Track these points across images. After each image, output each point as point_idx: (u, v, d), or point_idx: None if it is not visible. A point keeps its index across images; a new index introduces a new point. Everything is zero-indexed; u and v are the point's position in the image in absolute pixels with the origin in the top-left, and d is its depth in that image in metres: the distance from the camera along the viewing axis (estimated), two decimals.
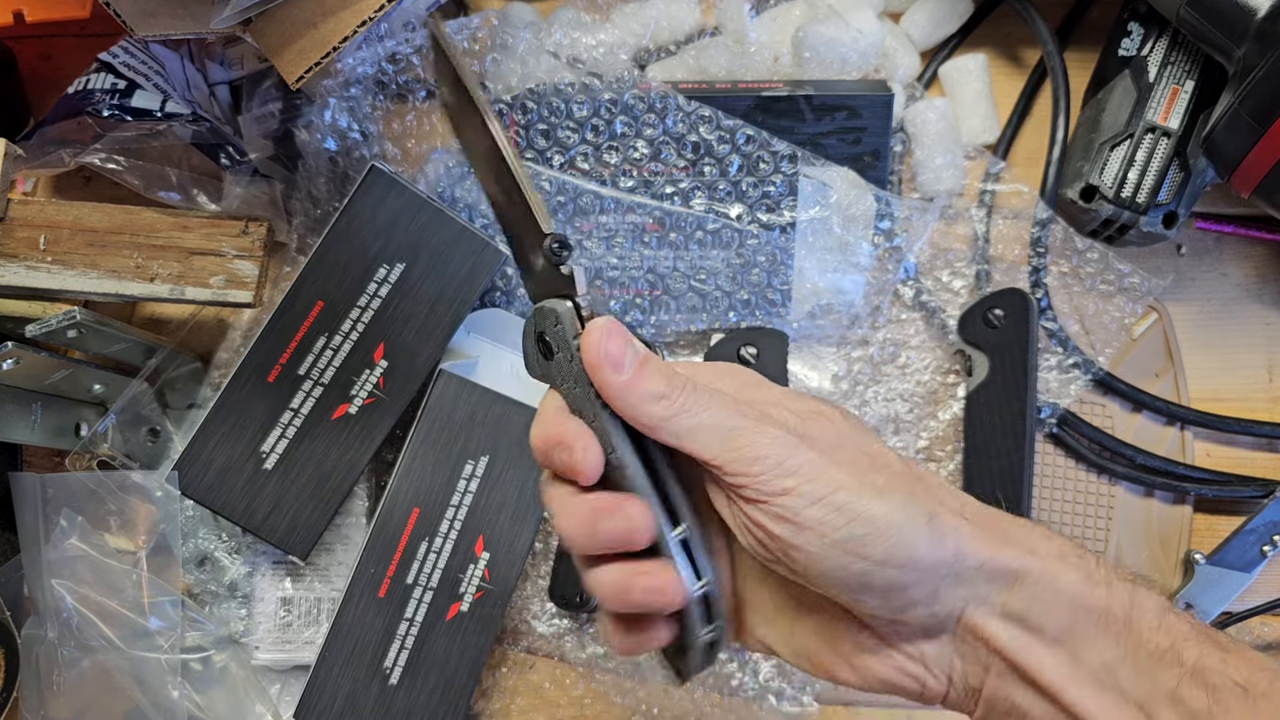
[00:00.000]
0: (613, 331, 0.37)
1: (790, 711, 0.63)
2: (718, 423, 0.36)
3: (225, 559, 0.65)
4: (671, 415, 0.36)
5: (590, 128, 0.64)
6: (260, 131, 0.67)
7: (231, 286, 0.60)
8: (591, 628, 0.65)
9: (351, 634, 0.59)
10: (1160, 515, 0.65)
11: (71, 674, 0.60)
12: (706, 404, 0.37)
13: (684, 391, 0.37)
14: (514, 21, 0.66)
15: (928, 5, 0.68)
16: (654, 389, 0.37)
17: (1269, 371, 0.67)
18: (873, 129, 0.64)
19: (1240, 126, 0.55)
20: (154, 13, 0.58)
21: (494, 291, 0.66)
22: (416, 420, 0.61)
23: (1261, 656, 0.36)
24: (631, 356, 0.37)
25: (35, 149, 0.62)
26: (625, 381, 0.37)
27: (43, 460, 0.69)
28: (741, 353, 0.63)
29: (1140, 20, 0.63)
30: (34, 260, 0.59)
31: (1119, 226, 0.62)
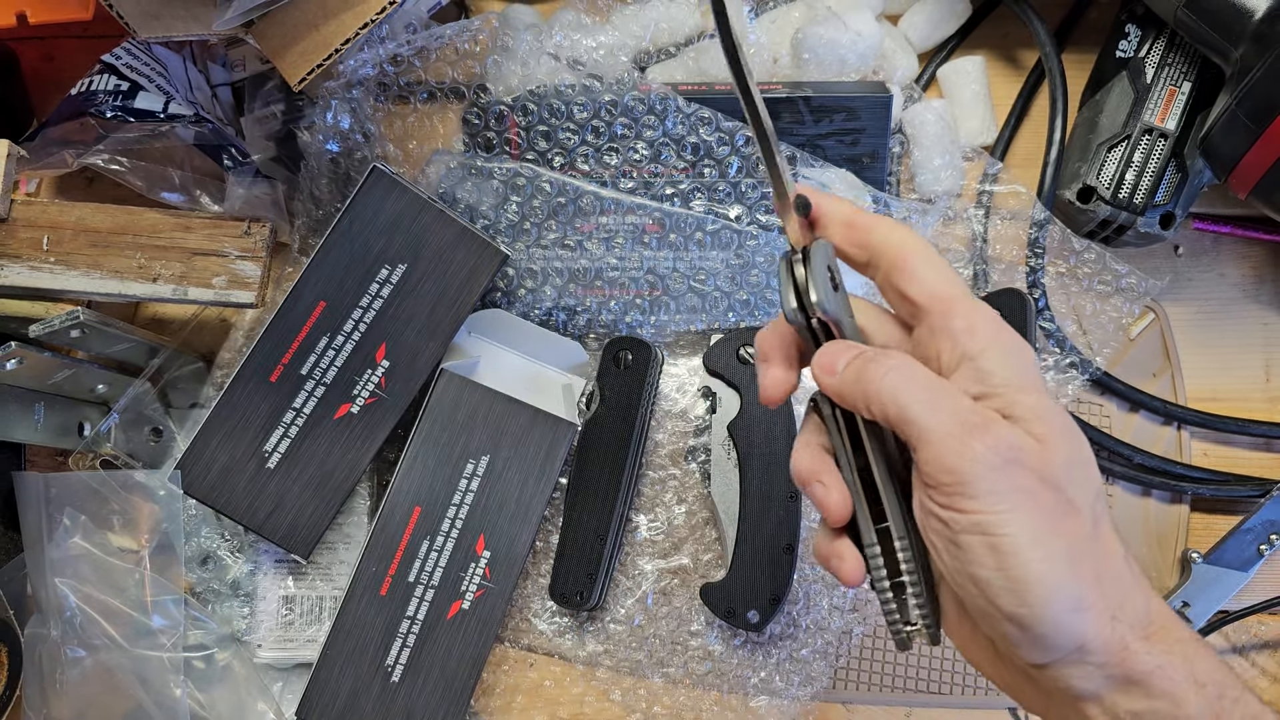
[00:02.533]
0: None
1: (788, 709, 0.64)
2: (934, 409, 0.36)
3: (228, 558, 0.65)
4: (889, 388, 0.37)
5: (590, 129, 0.64)
6: (262, 133, 0.67)
7: (234, 287, 0.60)
8: (591, 626, 0.66)
9: (353, 632, 0.59)
10: (1157, 514, 0.66)
11: (74, 672, 0.60)
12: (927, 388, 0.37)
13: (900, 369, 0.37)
14: (514, 24, 0.67)
15: (926, 7, 0.68)
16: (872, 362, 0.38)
17: (1266, 371, 0.67)
18: (871, 130, 0.64)
19: (1237, 127, 0.55)
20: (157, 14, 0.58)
21: (495, 292, 0.66)
22: (418, 420, 0.61)
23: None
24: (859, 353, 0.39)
25: (38, 150, 0.62)
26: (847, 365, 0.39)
27: (46, 460, 0.69)
28: (741, 353, 0.63)
29: (1138, 22, 0.63)
30: (37, 261, 0.59)
31: (1116, 227, 0.63)
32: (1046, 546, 0.35)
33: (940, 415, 0.36)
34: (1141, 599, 0.36)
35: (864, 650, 0.65)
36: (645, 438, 0.66)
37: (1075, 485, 0.36)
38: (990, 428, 0.35)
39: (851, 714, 0.65)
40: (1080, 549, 0.35)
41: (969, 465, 0.35)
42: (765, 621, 0.61)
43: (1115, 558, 0.36)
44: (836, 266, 0.41)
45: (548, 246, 0.65)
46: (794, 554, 0.62)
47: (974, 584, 0.35)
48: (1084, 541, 0.36)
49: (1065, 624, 0.35)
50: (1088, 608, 0.35)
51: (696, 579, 0.65)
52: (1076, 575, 0.35)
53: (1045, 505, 0.35)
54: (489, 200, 0.64)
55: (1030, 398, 0.37)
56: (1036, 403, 0.36)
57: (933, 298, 0.39)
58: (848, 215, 0.41)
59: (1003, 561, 0.35)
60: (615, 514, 0.63)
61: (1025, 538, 0.34)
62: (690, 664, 0.65)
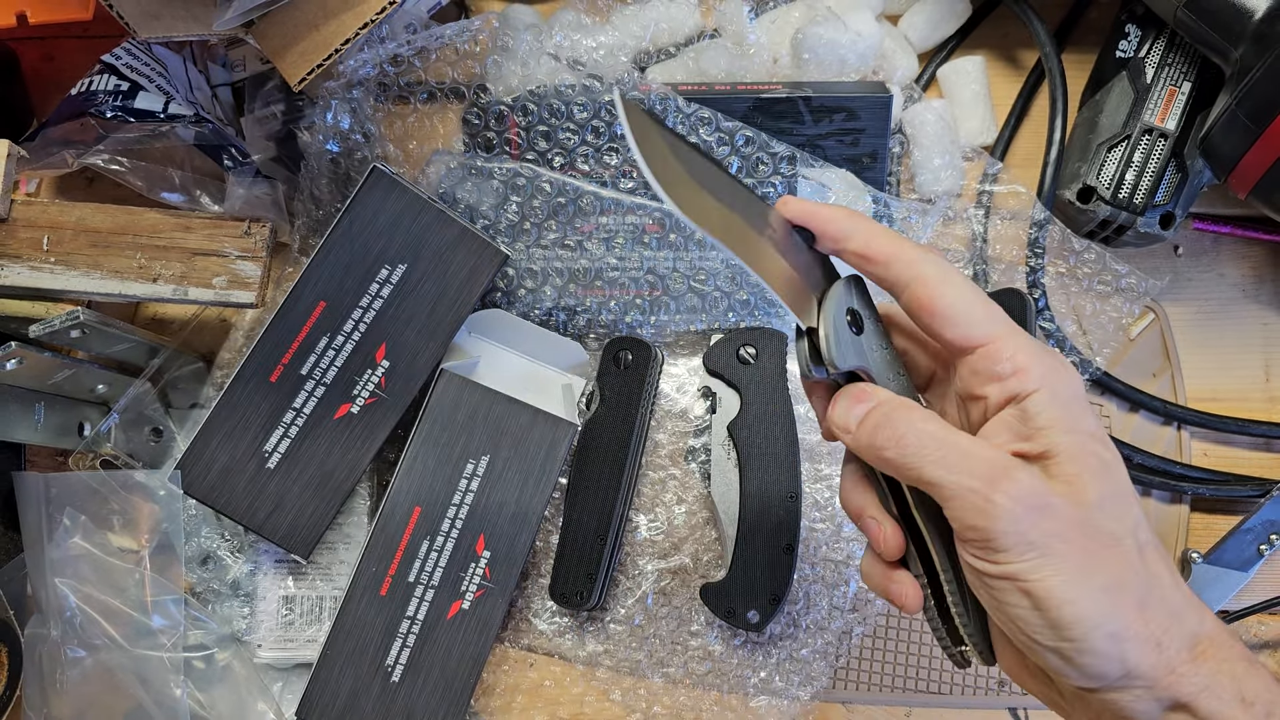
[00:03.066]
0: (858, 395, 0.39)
1: (788, 709, 0.64)
2: (956, 467, 0.36)
3: (228, 558, 0.65)
4: (909, 456, 0.37)
5: (591, 129, 0.64)
6: (263, 133, 0.67)
7: (234, 287, 0.60)
8: (591, 626, 0.66)
9: (353, 632, 0.59)
10: (1157, 514, 0.66)
11: (74, 672, 0.60)
12: (943, 446, 0.37)
13: (921, 435, 0.37)
14: (514, 24, 0.67)
15: (926, 7, 0.68)
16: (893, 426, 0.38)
17: (1266, 371, 0.67)
18: (871, 130, 0.64)
19: (1237, 127, 0.55)
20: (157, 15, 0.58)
21: (495, 292, 0.66)
22: (418, 420, 0.61)
23: None
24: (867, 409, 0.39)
25: (38, 150, 0.62)
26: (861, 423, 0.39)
27: (46, 460, 0.69)
28: (741, 353, 0.63)
29: (1138, 22, 0.63)
30: (37, 261, 0.59)
31: (1116, 227, 0.63)
32: (1081, 585, 0.35)
33: (959, 474, 0.36)
34: (1193, 619, 0.36)
35: (864, 650, 0.65)
36: (645, 438, 0.66)
37: (1111, 518, 0.36)
38: (1012, 476, 0.36)
39: (851, 714, 0.65)
40: (1120, 579, 0.36)
41: (992, 522, 0.35)
42: (765, 621, 0.62)
43: (1161, 582, 0.37)
44: (862, 302, 0.39)
45: (548, 246, 0.65)
46: (794, 554, 0.62)
47: (1011, 624, 0.36)
48: (1124, 572, 0.36)
49: (1107, 653, 0.35)
50: (1130, 637, 0.35)
51: (696, 579, 0.65)
52: (1116, 606, 0.35)
53: (1077, 545, 0.36)
54: (489, 200, 0.64)
55: (1068, 438, 0.36)
56: (1072, 442, 0.36)
57: (970, 340, 0.38)
58: (861, 245, 0.39)
59: (1038, 604, 0.35)
60: (615, 514, 0.63)
61: (1057, 580, 0.35)
62: (690, 664, 0.65)
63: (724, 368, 0.64)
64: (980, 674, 0.64)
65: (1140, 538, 0.37)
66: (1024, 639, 0.36)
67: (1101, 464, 0.37)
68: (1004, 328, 0.38)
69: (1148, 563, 0.37)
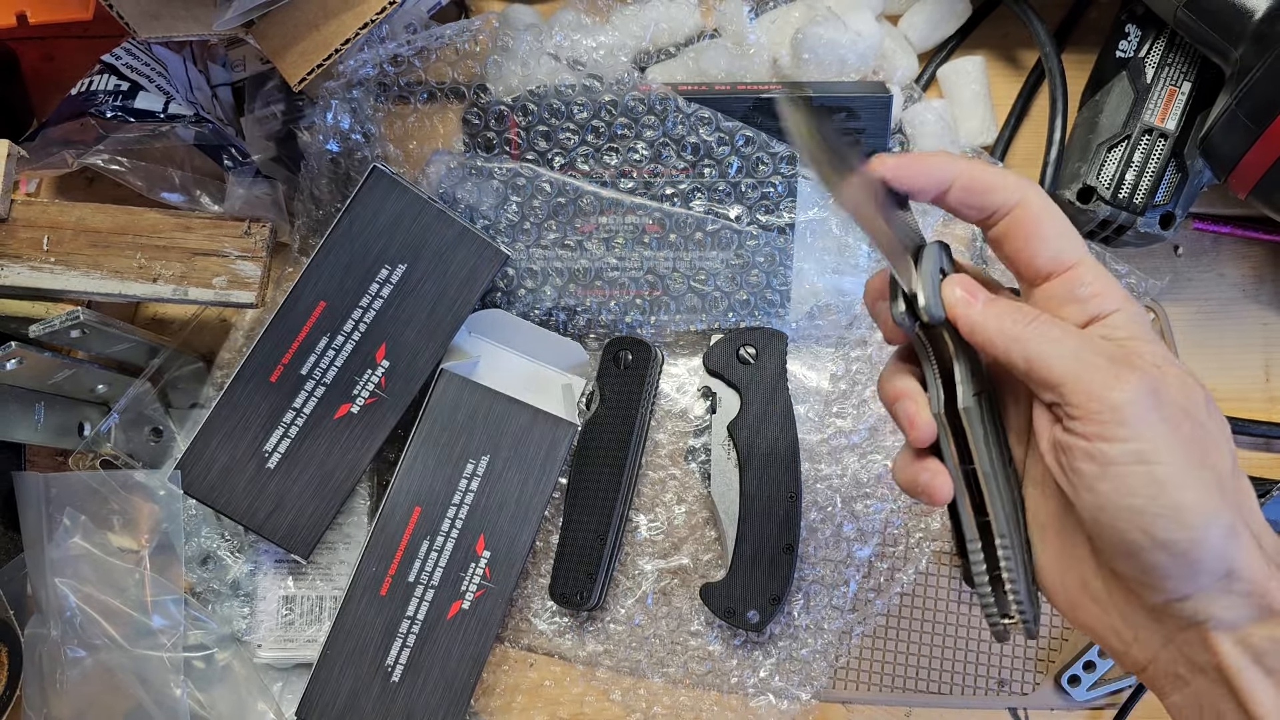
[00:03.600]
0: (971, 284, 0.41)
1: (788, 709, 0.64)
2: (1076, 351, 0.37)
3: (228, 558, 0.65)
4: (1028, 337, 0.38)
5: (591, 129, 0.64)
6: (263, 133, 0.67)
7: (234, 287, 0.60)
8: (591, 626, 0.66)
9: (353, 632, 0.59)
10: None
11: (74, 672, 0.60)
12: (1065, 333, 0.38)
13: (1040, 320, 0.38)
14: (514, 24, 0.67)
15: (926, 7, 0.68)
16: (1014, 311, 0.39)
17: (1266, 371, 0.67)
18: (871, 130, 0.64)
19: (1237, 127, 0.55)
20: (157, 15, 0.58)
21: (495, 292, 0.66)
22: (418, 420, 0.61)
23: None
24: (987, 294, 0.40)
25: (38, 150, 0.62)
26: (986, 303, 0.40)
27: (46, 460, 0.69)
28: (741, 353, 0.63)
29: (1138, 22, 0.63)
30: (37, 261, 0.59)
31: (1116, 227, 0.63)
32: (1198, 474, 0.35)
33: (1087, 356, 0.37)
34: (1272, 536, 0.37)
35: (864, 650, 0.65)
36: (645, 438, 0.66)
37: (1214, 421, 0.37)
38: (1137, 362, 0.36)
39: (851, 714, 0.65)
40: (1224, 479, 0.36)
41: (1121, 395, 0.35)
42: (765, 621, 0.62)
43: (1251, 495, 0.37)
44: (949, 264, 0.41)
45: (548, 246, 0.65)
46: (794, 554, 0.62)
47: (1127, 515, 0.35)
48: (1227, 474, 0.36)
49: (1219, 548, 0.35)
50: (1239, 533, 0.35)
51: (696, 579, 0.65)
52: (1226, 502, 0.35)
53: (1193, 436, 0.36)
54: (489, 200, 0.64)
55: (1149, 348, 0.37)
56: (1155, 352, 0.37)
57: (1058, 263, 0.39)
58: (966, 179, 0.41)
59: (1160, 489, 0.35)
60: (615, 514, 0.63)
61: (1179, 464, 0.35)
62: (690, 664, 0.65)
63: (724, 368, 0.64)
64: (980, 674, 0.64)
65: (1232, 448, 0.37)
66: (1134, 536, 0.36)
67: (1186, 374, 0.38)
68: (1087, 254, 0.40)
69: (1239, 473, 0.37)
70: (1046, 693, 0.64)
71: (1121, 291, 0.39)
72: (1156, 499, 0.35)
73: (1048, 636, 0.65)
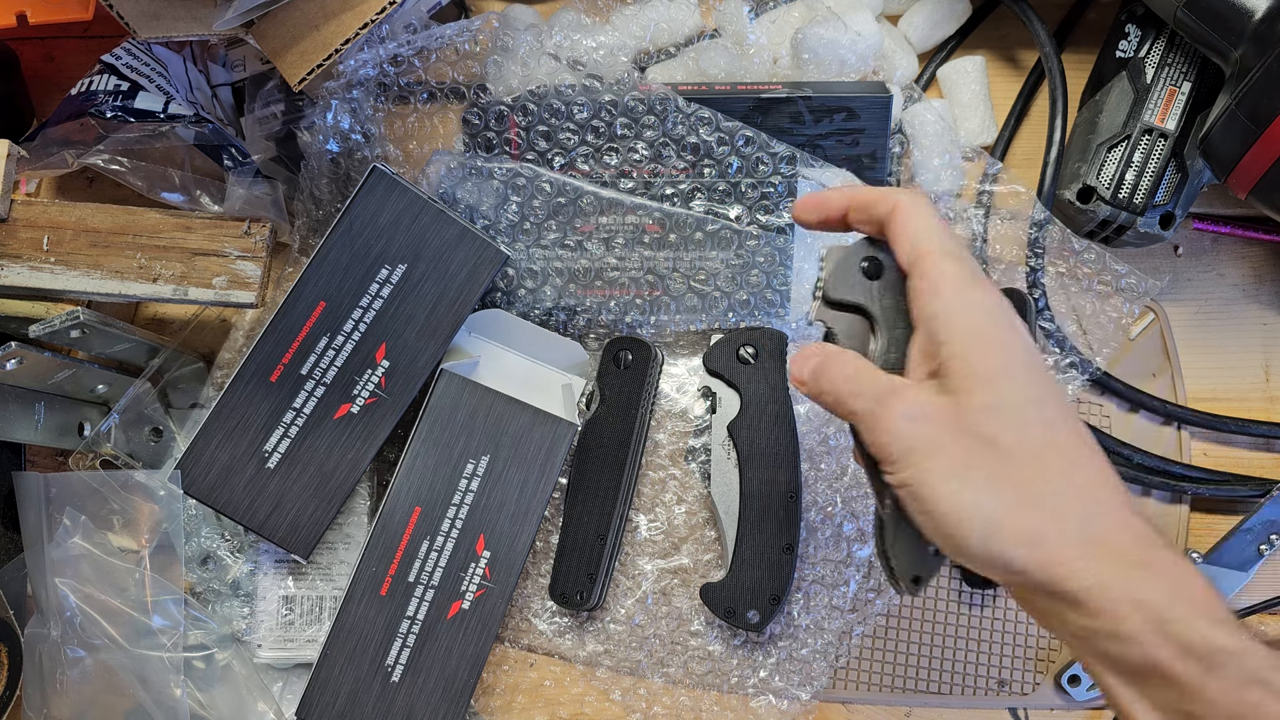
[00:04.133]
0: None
1: (788, 709, 0.64)
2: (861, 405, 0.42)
3: (228, 558, 0.65)
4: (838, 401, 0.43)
5: (591, 129, 0.64)
6: (263, 133, 0.67)
7: (234, 287, 0.60)
8: (591, 626, 0.66)
9: (353, 632, 0.59)
10: (1157, 514, 0.66)
11: (74, 672, 0.60)
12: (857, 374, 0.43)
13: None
14: (515, 24, 0.67)
15: (926, 7, 0.68)
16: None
17: (1265, 371, 0.67)
18: (871, 130, 0.64)
19: (1237, 128, 0.55)
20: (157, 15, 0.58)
21: (495, 292, 0.66)
22: (418, 420, 0.61)
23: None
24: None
25: (38, 150, 0.62)
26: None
27: (46, 460, 0.69)
28: (741, 353, 0.63)
29: (1138, 22, 0.63)
30: (37, 261, 0.59)
31: (1116, 227, 0.63)
32: (954, 484, 0.39)
33: (860, 400, 0.42)
34: (1100, 524, 0.38)
35: (864, 650, 0.65)
36: (645, 438, 0.66)
37: (1005, 425, 0.39)
38: (898, 393, 0.41)
39: (851, 714, 0.65)
40: (996, 480, 0.39)
41: (883, 436, 0.40)
42: (765, 621, 0.62)
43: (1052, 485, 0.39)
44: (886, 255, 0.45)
45: (548, 246, 0.65)
46: (794, 554, 0.62)
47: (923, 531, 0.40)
48: (1001, 472, 0.39)
49: (983, 550, 0.38)
50: (1002, 534, 0.38)
51: (696, 579, 0.65)
52: (990, 505, 0.38)
53: (955, 448, 0.39)
54: (489, 200, 0.64)
55: (961, 349, 0.40)
56: (964, 354, 0.40)
57: (910, 255, 0.42)
58: (855, 201, 0.45)
59: (922, 506, 0.39)
60: (615, 514, 0.63)
61: (933, 480, 0.39)
62: (690, 664, 0.65)
63: (724, 368, 0.64)
64: (980, 674, 0.64)
65: (1049, 437, 0.39)
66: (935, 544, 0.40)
67: (1001, 373, 0.40)
68: (937, 246, 0.42)
69: (1043, 466, 0.39)
70: (1046, 693, 0.64)
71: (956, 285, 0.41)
72: (923, 515, 0.40)
73: (1048, 636, 0.65)
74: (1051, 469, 0.39)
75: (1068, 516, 0.38)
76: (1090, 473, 0.40)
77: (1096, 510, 0.39)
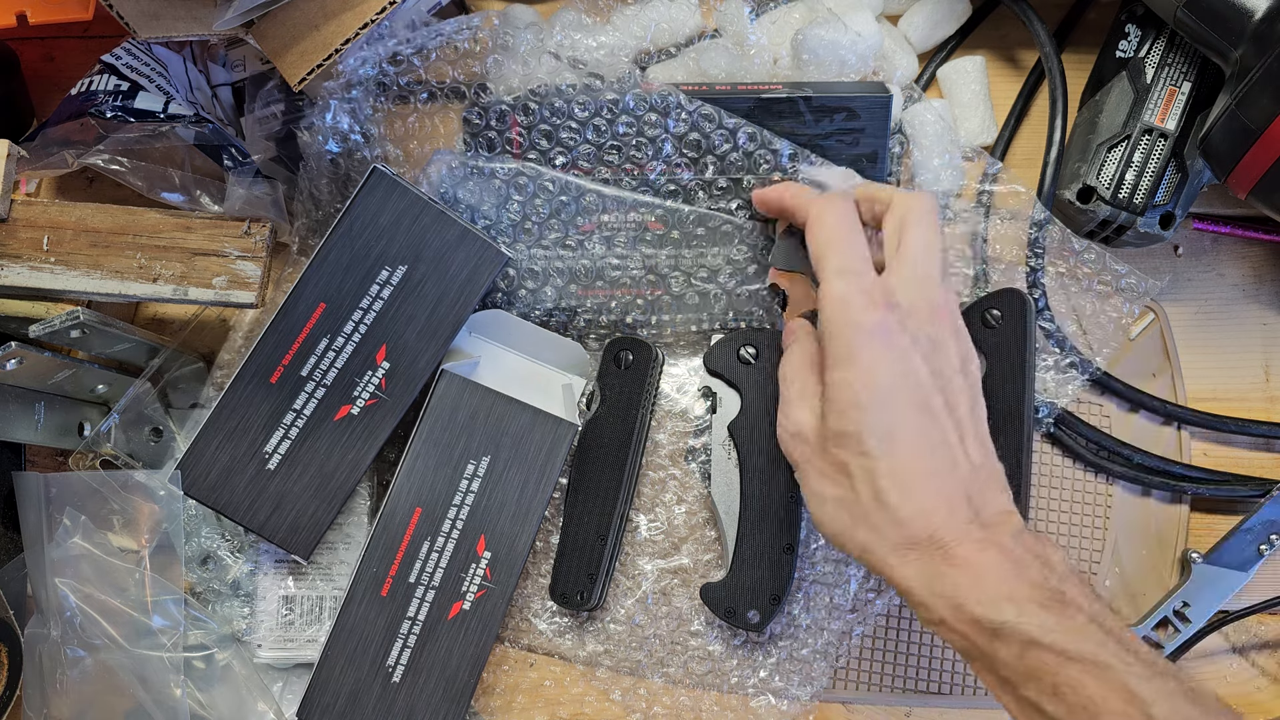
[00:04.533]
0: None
1: (788, 709, 0.64)
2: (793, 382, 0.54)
3: (228, 558, 0.65)
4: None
5: (592, 128, 0.64)
6: (263, 133, 0.67)
7: (234, 287, 0.60)
8: (591, 626, 0.66)
9: (354, 632, 0.59)
10: (1157, 514, 0.66)
11: (74, 672, 0.60)
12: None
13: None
14: (515, 23, 0.67)
15: (926, 7, 0.68)
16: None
17: (1265, 371, 0.67)
18: (871, 130, 0.64)
19: (1237, 128, 0.55)
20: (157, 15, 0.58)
21: (495, 293, 0.66)
22: (419, 421, 0.61)
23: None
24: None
25: (38, 150, 0.62)
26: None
27: (46, 460, 0.69)
28: (741, 353, 0.63)
29: (1137, 22, 0.63)
30: (37, 261, 0.59)
31: (1116, 227, 0.63)
32: (818, 499, 0.51)
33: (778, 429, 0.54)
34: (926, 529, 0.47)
35: (864, 650, 0.65)
36: (645, 438, 0.66)
37: (852, 455, 0.49)
38: (789, 408, 0.53)
39: (851, 714, 0.65)
40: (840, 498, 0.50)
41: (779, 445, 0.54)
42: (765, 621, 0.62)
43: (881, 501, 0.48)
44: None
45: (549, 247, 0.65)
46: (794, 554, 0.62)
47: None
48: (843, 493, 0.49)
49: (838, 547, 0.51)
50: (846, 542, 0.50)
51: (696, 579, 0.65)
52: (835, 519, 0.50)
53: (815, 467, 0.51)
54: (490, 200, 0.64)
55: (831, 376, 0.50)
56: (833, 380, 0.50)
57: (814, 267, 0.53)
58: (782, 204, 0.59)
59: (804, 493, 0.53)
60: (615, 514, 0.63)
61: (808, 493, 0.52)
62: (690, 664, 0.65)
63: (724, 367, 0.64)
64: None
65: (883, 469, 0.48)
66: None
67: (849, 405, 0.49)
68: (832, 268, 0.51)
69: (879, 493, 0.48)
70: None
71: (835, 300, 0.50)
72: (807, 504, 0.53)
73: None
74: (889, 495, 0.47)
75: (889, 534, 0.48)
76: (928, 495, 0.47)
77: (922, 523, 0.47)
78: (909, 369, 0.48)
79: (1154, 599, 0.65)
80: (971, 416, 0.50)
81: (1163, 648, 0.63)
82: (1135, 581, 0.65)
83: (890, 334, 0.48)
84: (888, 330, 0.48)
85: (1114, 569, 0.65)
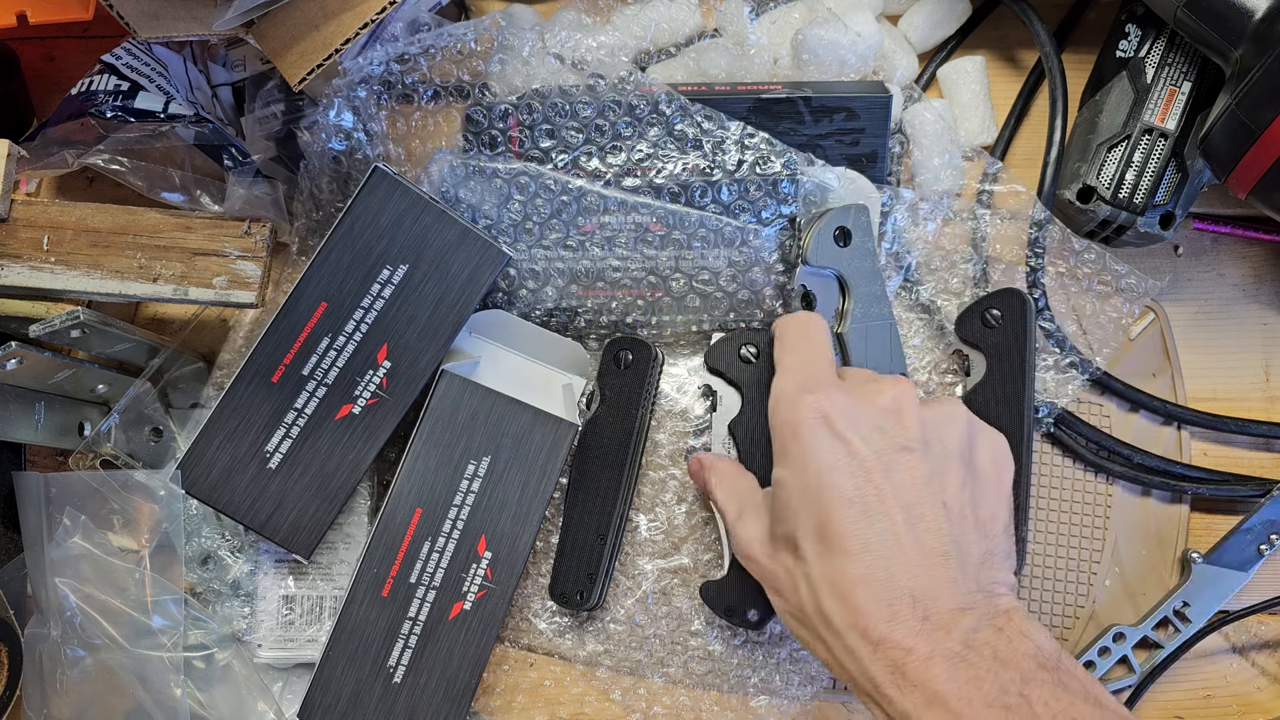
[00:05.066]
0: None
1: (788, 709, 0.64)
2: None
3: (228, 557, 0.65)
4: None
5: (594, 128, 0.64)
6: (263, 132, 0.67)
7: (235, 287, 0.60)
8: (591, 626, 0.66)
9: (355, 633, 0.59)
10: (1157, 514, 0.66)
11: (74, 672, 0.60)
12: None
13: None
14: (519, 23, 0.67)
15: (926, 7, 0.68)
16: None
17: (1265, 371, 0.67)
18: (871, 130, 0.64)
19: (1237, 127, 0.55)
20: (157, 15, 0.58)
21: (496, 293, 0.66)
22: (419, 420, 0.61)
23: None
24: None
25: (38, 150, 0.62)
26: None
27: (46, 460, 0.69)
28: (742, 352, 0.63)
29: (1138, 22, 0.63)
30: (37, 261, 0.59)
31: (1116, 227, 0.63)
32: (778, 611, 0.53)
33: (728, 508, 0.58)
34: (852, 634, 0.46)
35: None
36: (645, 438, 0.66)
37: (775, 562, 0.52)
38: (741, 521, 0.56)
39: (852, 714, 0.65)
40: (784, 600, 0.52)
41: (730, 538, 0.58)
42: (765, 620, 0.62)
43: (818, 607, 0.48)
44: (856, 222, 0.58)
45: (549, 247, 0.65)
46: None
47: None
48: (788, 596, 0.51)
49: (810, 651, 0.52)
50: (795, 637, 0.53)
51: (696, 579, 0.66)
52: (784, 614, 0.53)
53: (759, 569, 0.54)
54: (492, 200, 0.64)
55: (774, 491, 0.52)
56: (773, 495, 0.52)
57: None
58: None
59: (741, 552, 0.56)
60: (615, 514, 0.63)
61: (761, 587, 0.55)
62: (690, 664, 0.65)
63: (725, 367, 0.64)
64: None
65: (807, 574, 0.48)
66: None
67: (780, 506, 0.51)
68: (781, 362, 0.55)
69: (817, 599, 0.48)
70: None
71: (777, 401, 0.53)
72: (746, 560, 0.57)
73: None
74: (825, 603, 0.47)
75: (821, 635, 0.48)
76: (865, 599, 0.46)
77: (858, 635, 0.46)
78: (839, 460, 0.47)
79: (1154, 599, 0.65)
80: (930, 497, 0.47)
81: (1163, 648, 0.63)
82: (1135, 581, 0.65)
83: (822, 423, 0.48)
84: (821, 419, 0.48)
85: (1114, 569, 0.65)
